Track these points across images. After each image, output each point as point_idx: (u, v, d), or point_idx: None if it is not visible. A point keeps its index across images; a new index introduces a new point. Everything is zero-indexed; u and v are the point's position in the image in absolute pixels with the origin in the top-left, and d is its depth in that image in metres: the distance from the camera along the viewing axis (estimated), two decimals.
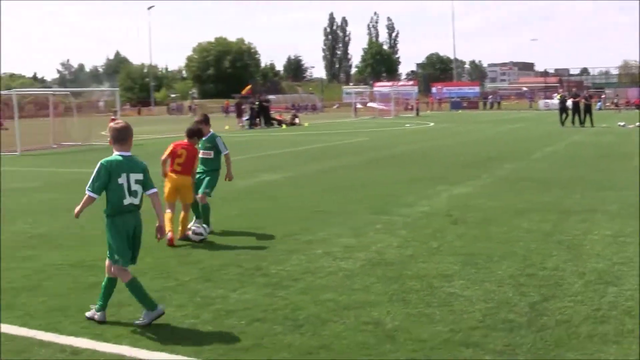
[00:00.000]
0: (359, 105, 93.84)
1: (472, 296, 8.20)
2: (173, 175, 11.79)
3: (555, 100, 71.65)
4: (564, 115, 49.39)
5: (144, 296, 7.47)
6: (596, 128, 46.15)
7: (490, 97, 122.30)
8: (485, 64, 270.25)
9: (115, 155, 7.58)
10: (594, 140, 34.99)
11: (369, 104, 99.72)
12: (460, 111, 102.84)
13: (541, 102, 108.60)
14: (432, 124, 59.31)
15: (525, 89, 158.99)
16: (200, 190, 12.45)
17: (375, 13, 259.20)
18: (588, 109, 49.70)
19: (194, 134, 12.22)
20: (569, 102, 50.72)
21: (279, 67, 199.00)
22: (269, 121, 59.54)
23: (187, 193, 11.95)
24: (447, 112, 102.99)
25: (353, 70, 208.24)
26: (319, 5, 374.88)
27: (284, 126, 58.64)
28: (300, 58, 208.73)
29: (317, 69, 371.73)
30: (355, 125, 59.53)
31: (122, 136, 7.65)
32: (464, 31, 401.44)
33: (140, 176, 7.52)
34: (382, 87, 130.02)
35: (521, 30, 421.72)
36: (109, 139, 7.82)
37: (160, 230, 7.76)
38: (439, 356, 6.38)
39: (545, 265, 9.61)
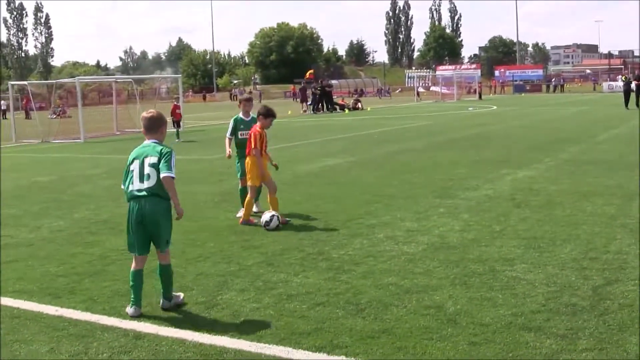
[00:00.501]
0: (421, 89, 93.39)
1: (535, 280, 8.17)
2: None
3: (620, 83, 70.49)
4: (627, 99, 48.49)
5: (137, 291, 7.50)
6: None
7: (553, 79, 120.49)
8: (548, 47, 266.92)
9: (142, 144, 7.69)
10: None
11: (432, 88, 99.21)
12: (523, 94, 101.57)
13: (605, 85, 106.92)
14: (495, 107, 58.75)
15: (588, 71, 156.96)
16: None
17: None
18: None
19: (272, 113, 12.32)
20: (633, 85, 49.79)
21: (342, 51, 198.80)
22: (332, 106, 59.54)
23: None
24: (510, 95, 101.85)
25: (415, 54, 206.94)
26: None
27: (346, 111, 58.61)
28: (363, 42, 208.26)
29: (379, 53, 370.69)
30: (417, 109, 59.28)
31: (149, 125, 7.70)
32: (527, 14, 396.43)
33: (154, 159, 7.41)
34: (445, 70, 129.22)
35: (585, 12, 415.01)
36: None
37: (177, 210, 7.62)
38: (501, 340, 6.38)
39: (609, 248, 9.52)
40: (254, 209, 12.69)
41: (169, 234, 7.61)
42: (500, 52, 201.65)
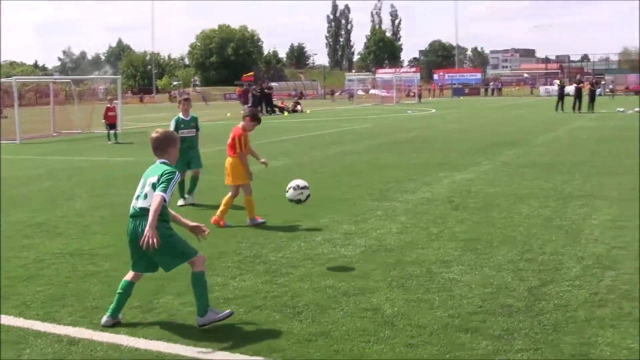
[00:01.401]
0: (360, 92, 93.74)
1: (471, 281, 8.23)
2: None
3: (556, 87, 71.78)
4: (560, 102, 49.67)
5: (119, 300, 7.26)
6: (596, 114, 46.20)
7: (491, 83, 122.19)
8: (487, 51, 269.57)
9: None
10: (595, 126, 35.09)
11: (371, 91, 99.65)
12: (461, 98, 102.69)
13: (542, 89, 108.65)
14: (433, 110, 59.24)
15: (526, 75, 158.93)
16: (198, 165, 14.66)
17: (379, 0, 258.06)
18: (592, 95, 49.96)
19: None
20: (572, 88, 50.84)
21: (282, 54, 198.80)
22: (271, 108, 59.50)
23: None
24: (449, 98, 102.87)
25: (356, 58, 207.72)
26: None
27: (285, 113, 58.59)
28: (304, 45, 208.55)
29: (320, 56, 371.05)
30: (357, 112, 59.47)
31: (156, 145, 7.37)
32: (467, 18, 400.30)
33: (155, 179, 7.12)
34: (385, 74, 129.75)
35: (523, 17, 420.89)
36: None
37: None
38: (438, 341, 6.40)
39: (544, 250, 9.65)
40: (191, 199, 14.31)
41: (170, 255, 7.11)
42: (440, 56, 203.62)
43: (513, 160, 20.38)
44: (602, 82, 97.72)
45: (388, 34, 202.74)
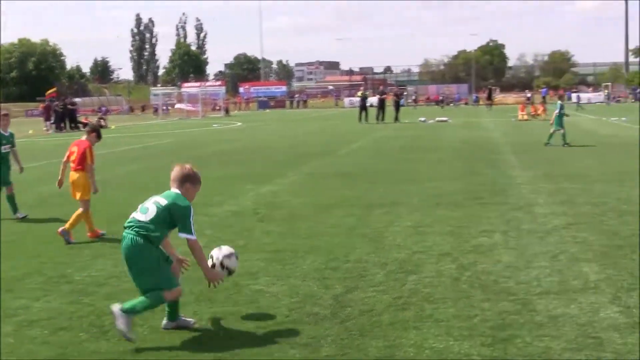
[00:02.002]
0: (166, 107, 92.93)
1: (278, 292, 8.30)
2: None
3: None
4: (363, 113, 50.83)
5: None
6: (400, 124, 47.78)
7: (296, 96, 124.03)
8: (292, 64, 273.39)
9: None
10: (397, 135, 36.28)
11: (177, 105, 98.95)
12: (267, 110, 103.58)
13: (346, 100, 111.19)
14: (240, 123, 59.41)
15: (331, 87, 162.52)
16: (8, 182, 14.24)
17: (183, 14, 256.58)
18: (397, 106, 51.61)
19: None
20: (375, 99, 52.28)
21: (86, 69, 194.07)
22: (75, 124, 58.00)
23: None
24: (255, 111, 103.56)
25: (161, 72, 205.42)
26: (127, 5, 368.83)
27: None
28: (107, 59, 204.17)
29: (124, 71, 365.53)
30: (163, 126, 58.81)
31: (174, 177, 7.26)
32: (272, 31, 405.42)
33: (163, 200, 7.07)
34: (190, 87, 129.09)
35: (327, 30, 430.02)
36: None
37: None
38: (247, 355, 6.41)
39: (349, 258, 9.84)
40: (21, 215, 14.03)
41: (145, 284, 6.94)
42: (246, 69, 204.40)
43: (318, 171, 20.73)
44: (405, 93, 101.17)
45: (193, 48, 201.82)
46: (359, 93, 58.08)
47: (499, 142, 30.40)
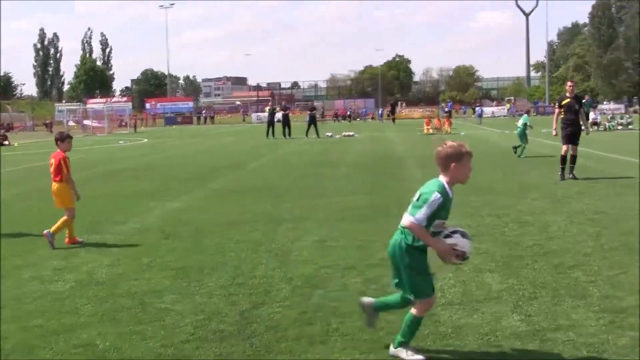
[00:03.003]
0: (71, 123, 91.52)
1: (183, 310, 8.19)
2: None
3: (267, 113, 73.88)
4: (271, 129, 50.87)
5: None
6: (308, 138, 48.00)
7: (204, 111, 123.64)
8: (199, 79, 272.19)
9: None
10: (305, 150, 36.47)
11: (83, 122, 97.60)
12: (174, 126, 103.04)
13: (254, 116, 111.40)
14: (146, 140, 58.89)
15: (238, 103, 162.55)
16: None
17: (89, 28, 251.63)
18: (312, 120, 51.62)
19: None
20: (279, 115, 52.30)
21: None
22: None
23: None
24: (162, 127, 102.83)
25: (66, 87, 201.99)
26: (29, 20, 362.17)
27: None
28: (10, 75, 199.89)
29: (28, 86, 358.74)
30: None
31: (438, 162, 6.41)
32: (178, 47, 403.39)
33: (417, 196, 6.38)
34: (96, 104, 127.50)
35: (235, 46, 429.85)
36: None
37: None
38: None
39: (255, 273, 9.79)
40: None
41: (412, 284, 6.51)
42: (152, 85, 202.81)
43: (225, 187, 20.64)
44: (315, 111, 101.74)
45: (99, 63, 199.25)
46: (267, 108, 58.18)
47: (405, 156, 30.84)
